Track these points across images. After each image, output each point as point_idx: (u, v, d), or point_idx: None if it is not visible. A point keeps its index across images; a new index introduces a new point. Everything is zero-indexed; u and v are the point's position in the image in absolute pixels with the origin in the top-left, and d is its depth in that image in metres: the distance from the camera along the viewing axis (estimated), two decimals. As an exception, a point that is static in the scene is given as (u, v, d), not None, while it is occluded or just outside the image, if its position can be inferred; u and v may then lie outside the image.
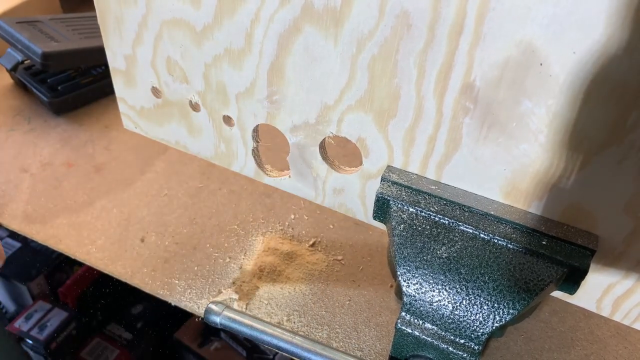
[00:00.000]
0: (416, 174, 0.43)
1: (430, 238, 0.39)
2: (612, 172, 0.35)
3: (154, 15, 0.45)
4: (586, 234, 0.38)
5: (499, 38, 0.33)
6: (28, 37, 0.64)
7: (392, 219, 0.40)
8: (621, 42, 0.30)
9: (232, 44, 0.43)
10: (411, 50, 0.36)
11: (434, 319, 0.38)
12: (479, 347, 0.37)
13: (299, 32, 0.40)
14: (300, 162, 0.48)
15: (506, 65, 0.34)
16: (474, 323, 0.37)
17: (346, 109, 0.42)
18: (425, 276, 0.38)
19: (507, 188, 0.39)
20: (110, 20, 0.49)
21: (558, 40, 0.31)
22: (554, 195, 0.38)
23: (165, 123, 0.54)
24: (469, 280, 0.37)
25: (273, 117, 0.46)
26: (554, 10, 0.31)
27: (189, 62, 0.47)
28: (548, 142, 0.36)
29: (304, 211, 0.54)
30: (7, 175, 0.58)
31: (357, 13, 0.36)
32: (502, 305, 0.36)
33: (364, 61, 0.38)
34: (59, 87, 0.68)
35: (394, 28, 0.36)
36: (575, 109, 0.33)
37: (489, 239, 0.38)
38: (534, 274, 0.37)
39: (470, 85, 0.36)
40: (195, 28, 0.44)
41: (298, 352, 0.39)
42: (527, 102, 0.35)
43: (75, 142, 0.63)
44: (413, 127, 0.40)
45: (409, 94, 0.38)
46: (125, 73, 0.52)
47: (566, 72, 0.32)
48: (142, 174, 0.58)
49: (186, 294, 0.46)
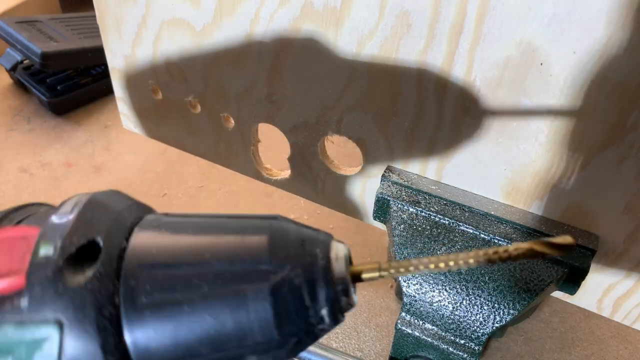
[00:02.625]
0: (416, 174, 0.42)
1: (431, 238, 0.39)
2: (612, 172, 0.35)
3: (153, 15, 0.45)
4: (587, 234, 0.38)
5: (499, 38, 0.33)
6: (27, 37, 0.64)
7: (392, 219, 0.40)
8: (621, 42, 0.30)
9: (231, 44, 0.43)
10: (411, 50, 0.36)
11: (434, 320, 0.38)
12: (479, 347, 0.37)
13: (298, 32, 0.40)
14: (300, 162, 0.48)
15: (506, 65, 0.34)
16: (474, 323, 0.37)
17: (346, 109, 0.42)
18: (425, 276, 0.38)
19: (507, 188, 0.39)
20: (110, 20, 0.48)
21: (558, 40, 0.31)
22: (554, 195, 0.38)
23: (164, 123, 0.54)
24: (469, 281, 0.37)
25: (273, 117, 0.46)
26: (554, 10, 0.31)
27: (188, 62, 0.47)
28: (548, 142, 0.36)
29: (304, 211, 0.54)
30: (6, 175, 0.58)
31: (357, 13, 0.36)
32: (502, 306, 0.36)
33: (364, 61, 0.38)
34: (58, 86, 0.68)
35: (394, 28, 0.36)
36: (576, 108, 0.33)
37: (489, 239, 0.38)
38: (535, 274, 0.37)
39: (470, 85, 0.36)
40: (194, 28, 0.44)
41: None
42: (528, 101, 0.35)
43: (74, 142, 0.63)
44: (413, 126, 0.40)
45: (410, 93, 0.38)
46: (125, 73, 0.52)
47: (566, 72, 0.32)
48: (142, 174, 0.58)
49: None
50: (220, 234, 0.20)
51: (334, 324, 0.19)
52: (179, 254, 0.19)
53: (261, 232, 0.20)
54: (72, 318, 0.18)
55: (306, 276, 0.19)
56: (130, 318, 0.18)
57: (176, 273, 0.19)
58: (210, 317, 0.18)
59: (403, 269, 0.19)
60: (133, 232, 0.20)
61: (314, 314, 0.19)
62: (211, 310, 0.18)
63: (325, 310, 0.19)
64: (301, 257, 0.19)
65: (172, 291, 0.18)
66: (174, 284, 0.18)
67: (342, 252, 0.20)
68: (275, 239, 0.20)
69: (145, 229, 0.20)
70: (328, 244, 0.20)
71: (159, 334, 0.18)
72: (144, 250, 0.19)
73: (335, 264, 0.19)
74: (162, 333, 0.18)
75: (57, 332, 0.18)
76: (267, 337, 0.18)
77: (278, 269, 0.19)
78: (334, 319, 0.19)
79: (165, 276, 0.19)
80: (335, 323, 0.19)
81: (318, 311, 0.19)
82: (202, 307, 0.18)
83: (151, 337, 0.18)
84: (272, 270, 0.19)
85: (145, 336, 0.18)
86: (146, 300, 0.18)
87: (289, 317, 0.19)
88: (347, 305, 0.19)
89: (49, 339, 0.18)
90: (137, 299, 0.18)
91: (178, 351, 0.18)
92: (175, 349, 0.18)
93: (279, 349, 0.19)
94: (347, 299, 0.19)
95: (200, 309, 0.18)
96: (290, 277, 0.19)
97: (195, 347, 0.18)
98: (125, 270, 0.19)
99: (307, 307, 0.19)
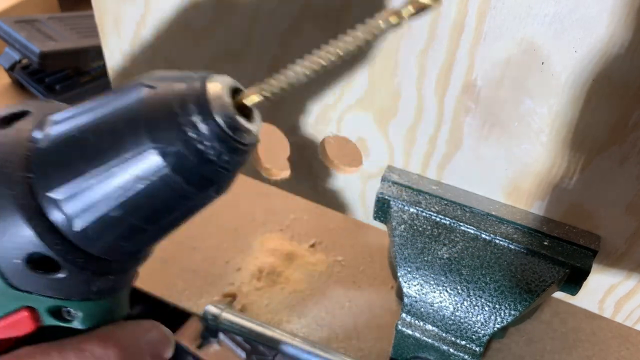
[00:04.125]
0: (417, 174, 0.42)
1: (431, 239, 0.39)
2: (614, 172, 0.35)
3: (152, 14, 0.45)
4: (588, 235, 0.38)
5: (500, 37, 0.33)
6: (26, 36, 0.64)
7: (392, 219, 0.40)
8: (623, 41, 0.30)
9: (231, 43, 0.43)
10: (412, 49, 0.36)
11: (435, 321, 0.38)
12: (480, 348, 0.37)
13: (298, 31, 0.39)
14: (300, 162, 0.48)
15: (507, 64, 0.33)
16: (475, 324, 0.36)
17: (346, 109, 0.42)
18: (426, 277, 0.38)
19: (508, 188, 0.39)
20: (109, 19, 0.48)
21: (559, 39, 0.31)
22: (555, 195, 0.38)
23: (163, 123, 0.54)
24: (470, 281, 0.37)
25: (273, 117, 0.46)
26: (555, 8, 0.30)
27: (187, 62, 0.47)
28: (550, 141, 0.35)
29: (304, 211, 0.53)
30: (4, 175, 0.58)
31: (357, 12, 0.36)
32: (503, 306, 0.36)
33: (364, 60, 0.38)
34: (56, 86, 0.67)
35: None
36: (577, 108, 0.33)
37: (490, 240, 0.38)
38: (536, 275, 0.36)
39: (471, 85, 0.35)
40: (194, 27, 0.44)
41: (298, 354, 0.39)
42: (529, 101, 0.34)
43: (73, 142, 0.63)
44: (414, 126, 0.40)
45: (410, 93, 0.38)
46: (124, 72, 0.52)
47: (568, 71, 0.32)
48: (140, 174, 0.58)
49: (185, 294, 0.46)
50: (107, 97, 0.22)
51: (217, 139, 0.20)
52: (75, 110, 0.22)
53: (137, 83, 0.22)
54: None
55: (175, 91, 0.20)
56: (35, 156, 0.21)
57: (71, 120, 0.22)
58: (93, 138, 0.21)
59: (283, 76, 0.22)
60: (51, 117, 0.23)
61: (186, 121, 0.20)
62: (95, 134, 0.21)
63: (197, 118, 0.20)
64: (173, 80, 0.21)
65: (66, 129, 0.21)
66: (70, 126, 0.21)
67: (224, 80, 0.22)
68: (150, 77, 0.22)
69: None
70: (206, 76, 0.21)
71: (56, 165, 0.21)
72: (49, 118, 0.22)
73: (210, 85, 0.21)
74: (60, 164, 0.21)
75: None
76: (140, 145, 0.20)
77: (150, 87, 0.21)
78: (215, 133, 0.20)
79: (61, 122, 0.22)
80: (217, 138, 0.20)
81: (190, 120, 0.20)
82: (89, 132, 0.21)
83: (50, 171, 0.21)
84: (146, 89, 0.21)
85: (45, 169, 0.21)
86: (46, 141, 0.21)
87: (157, 124, 0.20)
88: (231, 123, 0.20)
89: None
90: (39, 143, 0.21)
91: (72, 174, 0.21)
92: (69, 173, 0.21)
93: (161, 159, 0.20)
94: (232, 121, 0.21)
95: (87, 134, 0.21)
96: (159, 93, 0.20)
97: (86, 169, 0.20)
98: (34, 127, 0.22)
99: (176, 113, 0.20)
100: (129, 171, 0.20)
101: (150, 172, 0.20)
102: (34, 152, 0.21)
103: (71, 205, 0.21)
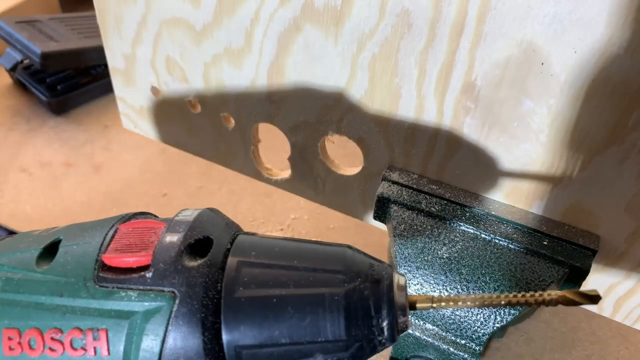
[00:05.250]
0: (417, 173, 0.42)
1: (431, 238, 0.39)
2: (613, 172, 0.35)
3: (153, 14, 0.45)
4: (587, 234, 0.38)
5: (500, 37, 0.33)
6: (27, 36, 0.64)
7: (392, 219, 0.40)
8: (623, 42, 0.30)
9: (231, 43, 0.43)
10: (412, 49, 0.36)
11: (435, 320, 0.38)
12: (480, 347, 0.37)
13: (299, 32, 0.39)
14: (300, 162, 0.48)
15: (507, 64, 0.34)
16: (475, 324, 0.37)
17: (346, 109, 0.42)
18: (426, 276, 0.38)
19: (508, 188, 0.39)
20: (110, 20, 0.48)
21: (559, 40, 0.31)
22: (555, 195, 0.38)
23: (164, 123, 0.54)
24: (470, 281, 0.37)
25: (273, 117, 0.46)
26: (555, 9, 0.30)
27: (188, 62, 0.47)
28: (549, 141, 0.35)
29: (304, 211, 0.53)
30: (5, 175, 0.58)
31: (357, 12, 0.36)
32: (503, 306, 0.36)
33: (365, 60, 0.38)
34: (58, 86, 0.68)
35: (394, 27, 0.36)
36: (577, 108, 0.33)
37: (490, 239, 0.38)
38: (535, 274, 0.37)
39: (471, 85, 0.36)
40: (194, 27, 0.44)
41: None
42: (529, 101, 0.34)
43: (74, 142, 0.63)
44: (414, 126, 0.40)
45: (410, 93, 0.38)
46: (125, 72, 0.52)
47: (567, 72, 0.32)
48: (141, 174, 0.58)
49: (186, 294, 0.46)
50: (305, 248, 0.25)
51: (391, 340, 0.23)
52: (272, 258, 0.24)
53: (338, 251, 0.25)
54: (184, 293, 0.22)
55: (373, 290, 0.23)
56: (227, 303, 0.22)
57: (269, 272, 0.23)
58: (293, 310, 0.22)
59: (452, 302, 0.23)
60: (236, 238, 0.25)
61: (377, 324, 0.22)
62: (294, 305, 0.22)
63: (385, 323, 0.22)
64: (370, 276, 0.23)
65: (264, 285, 0.22)
66: (266, 280, 0.23)
67: (402, 280, 0.24)
68: (349, 257, 0.24)
69: (245, 237, 0.25)
70: (392, 271, 0.24)
71: (249, 319, 0.22)
72: (245, 251, 0.24)
73: (396, 288, 0.23)
74: (252, 318, 0.22)
75: (170, 302, 0.22)
76: (335, 336, 0.22)
77: (351, 280, 0.23)
78: (392, 335, 0.23)
79: (260, 273, 0.23)
80: (392, 339, 0.23)
81: (380, 322, 0.22)
82: (288, 301, 0.22)
83: (242, 320, 0.22)
84: (346, 280, 0.23)
85: (237, 318, 0.22)
86: (243, 289, 0.22)
87: (356, 321, 0.22)
88: (403, 325, 0.23)
89: (162, 309, 0.22)
90: (236, 288, 0.22)
91: (262, 336, 0.22)
92: (260, 334, 0.22)
93: (343, 351, 0.22)
94: (404, 320, 0.23)
95: (285, 302, 0.22)
96: (360, 288, 0.23)
97: (276, 335, 0.22)
98: (229, 264, 0.23)
99: (372, 316, 0.22)
100: (314, 353, 0.22)
101: (332, 357, 0.22)
102: (228, 300, 0.22)
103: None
